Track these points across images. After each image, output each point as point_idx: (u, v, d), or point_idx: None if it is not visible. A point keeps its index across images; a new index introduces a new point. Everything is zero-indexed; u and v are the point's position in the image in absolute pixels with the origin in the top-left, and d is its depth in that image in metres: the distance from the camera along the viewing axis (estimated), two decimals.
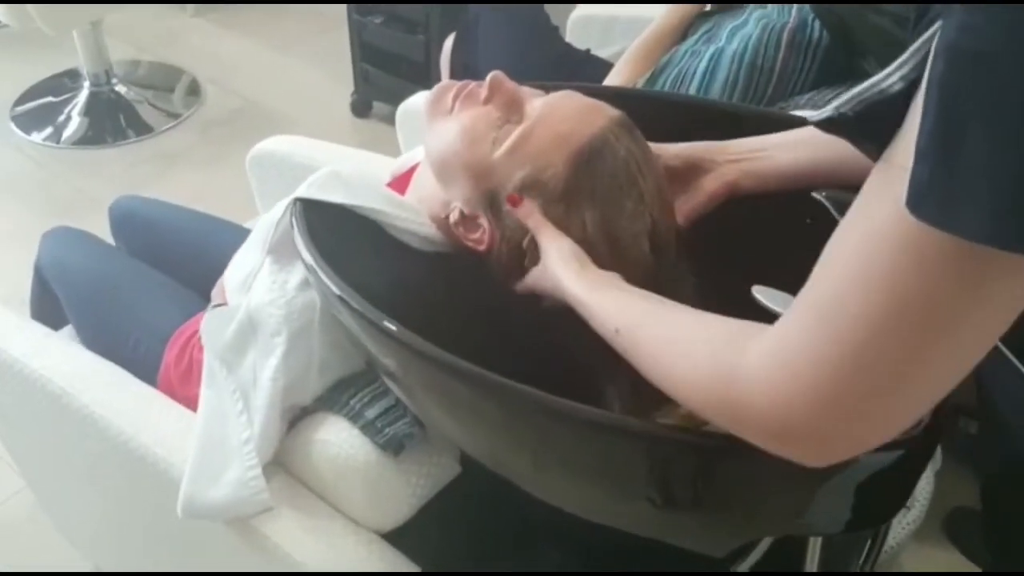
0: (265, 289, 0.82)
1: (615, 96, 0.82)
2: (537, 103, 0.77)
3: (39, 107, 2.50)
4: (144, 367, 1.06)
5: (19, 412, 1.10)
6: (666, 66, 1.33)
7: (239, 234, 1.10)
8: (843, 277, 0.45)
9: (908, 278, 0.42)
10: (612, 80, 1.40)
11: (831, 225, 0.47)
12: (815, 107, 1.26)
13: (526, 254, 0.75)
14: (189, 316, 1.05)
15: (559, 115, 0.75)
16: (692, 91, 1.29)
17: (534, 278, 0.75)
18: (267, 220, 0.86)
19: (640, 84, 1.34)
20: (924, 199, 0.40)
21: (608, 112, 0.77)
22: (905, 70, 0.43)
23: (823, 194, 0.84)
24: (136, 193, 2.18)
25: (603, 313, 0.65)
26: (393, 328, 0.64)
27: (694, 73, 1.29)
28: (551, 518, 0.73)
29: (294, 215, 0.77)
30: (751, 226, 0.79)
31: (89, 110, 2.47)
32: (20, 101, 2.52)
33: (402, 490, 0.79)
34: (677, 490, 0.61)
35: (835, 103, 0.46)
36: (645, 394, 0.61)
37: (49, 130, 2.42)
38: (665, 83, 1.32)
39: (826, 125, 0.47)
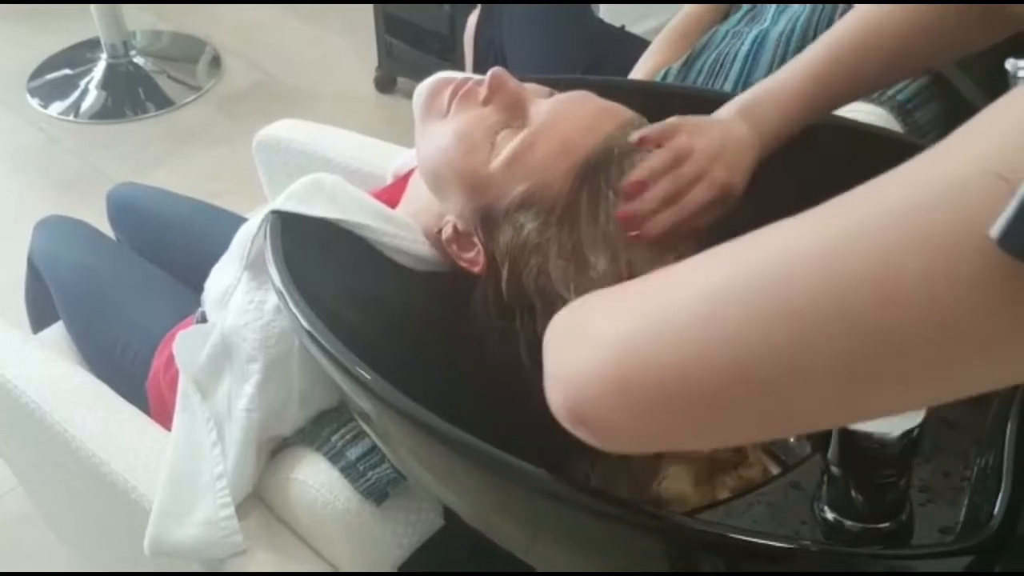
0: (241, 310, 0.74)
1: (635, 92, 0.71)
2: (543, 106, 0.67)
3: (57, 79, 2.44)
4: (133, 372, 1.01)
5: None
6: (704, 49, 1.21)
7: (240, 226, 1.02)
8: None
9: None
10: (644, 64, 1.28)
11: None
12: (871, 99, 1.13)
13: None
14: (181, 318, 0.99)
15: (566, 121, 0.65)
16: (731, 78, 1.17)
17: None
18: (245, 231, 0.78)
19: (675, 69, 1.22)
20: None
21: (621, 116, 0.66)
22: None
23: None
24: (151, 171, 2.14)
25: None
26: (367, 377, 0.55)
27: (735, 57, 1.17)
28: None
29: (268, 230, 0.68)
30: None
31: (107, 83, 2.40)
32: (38, 73, 2.45)
33: (386, 540, 0.70)
34: None
35: None
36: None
37: (67, 103, 2.35)
38: (702, 68, 1.20)
39: None
